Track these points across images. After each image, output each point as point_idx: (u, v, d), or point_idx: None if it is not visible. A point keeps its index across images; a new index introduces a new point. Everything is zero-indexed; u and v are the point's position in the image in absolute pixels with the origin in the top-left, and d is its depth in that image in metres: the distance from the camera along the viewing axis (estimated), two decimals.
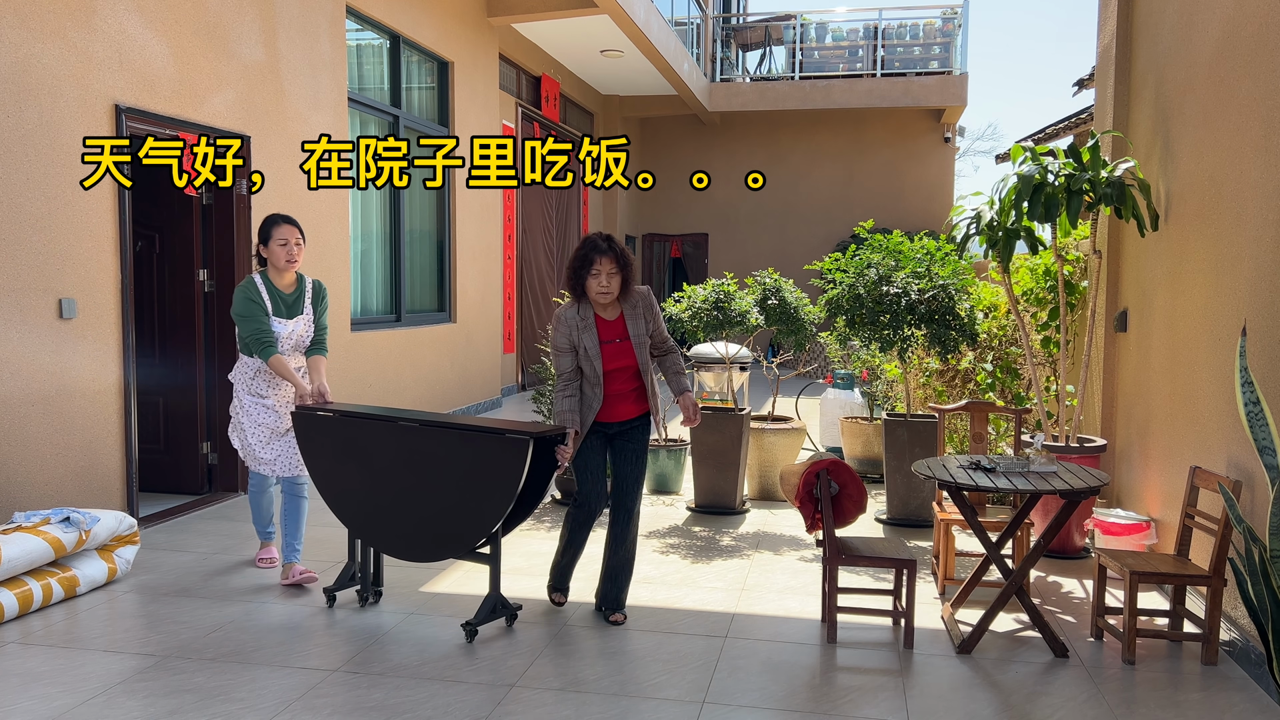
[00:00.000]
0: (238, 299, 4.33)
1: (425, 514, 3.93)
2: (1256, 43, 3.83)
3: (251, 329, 4.30)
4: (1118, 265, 5.62)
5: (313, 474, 4.24)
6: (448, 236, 9.59)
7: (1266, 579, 2.95)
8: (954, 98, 14.88)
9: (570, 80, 13.92)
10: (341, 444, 4.12)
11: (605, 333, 3.97)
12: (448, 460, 3.84)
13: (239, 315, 4.33)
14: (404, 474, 3.96)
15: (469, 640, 3.80)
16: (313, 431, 4.21)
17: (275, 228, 4.39)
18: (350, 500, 4.14)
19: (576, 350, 3.96)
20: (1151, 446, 4.92)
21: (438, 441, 3.87)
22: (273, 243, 4.39)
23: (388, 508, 4.03)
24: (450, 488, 3.86)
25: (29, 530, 4.17)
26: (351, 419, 4.09)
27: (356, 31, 7.93)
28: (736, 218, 17.25)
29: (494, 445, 3.74)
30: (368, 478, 4.06)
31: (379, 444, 4.01)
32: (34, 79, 4.77)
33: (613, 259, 3.88)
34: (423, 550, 3.97)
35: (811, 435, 8.59)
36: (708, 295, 6.13)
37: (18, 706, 3.21)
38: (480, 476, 3.78)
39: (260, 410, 4.46)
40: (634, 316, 3.99)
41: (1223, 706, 3.32)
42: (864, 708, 3.27)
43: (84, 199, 5.09)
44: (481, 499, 3.79)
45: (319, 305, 4.56)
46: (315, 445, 4.22)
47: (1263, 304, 3.66)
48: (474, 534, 3.83)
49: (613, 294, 3.90)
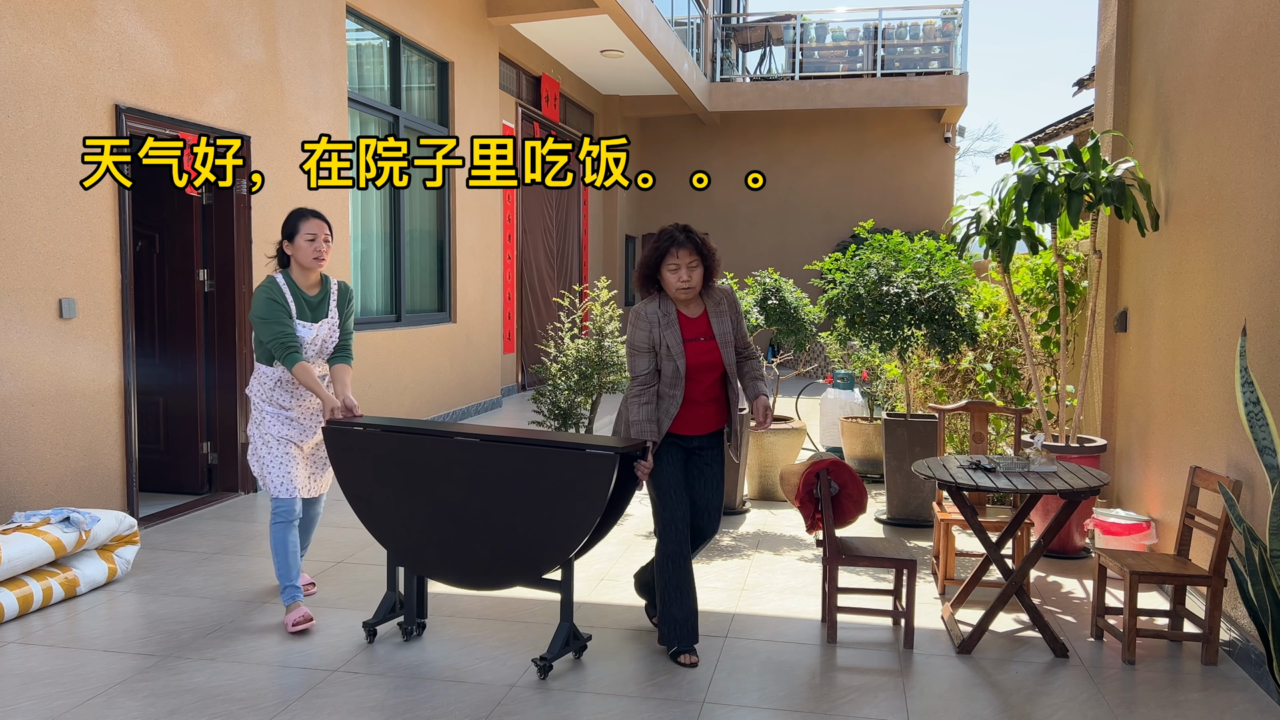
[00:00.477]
0: (259, 300, 3.94)
1: (489, 538, 3.57)
2: (1256, 43, 3.83)
3: (274, 333, 3.90)
4: (1118, 265, 5.62)
5: (349, 495, 3.85)
6: (448, 236, 9.59)
7: (1266, 579, 2.95)
8: (954, 98, 14.88)
9: (570, 80, 13.92)
10: (386, 462, 3.73)
11: (688, 330, 3.62)
12: (517, 479, 3.49)
13: (260, 318, 3.93)
14: (463, 495, 3.59)
15: (542, 677, 3.45)
16: (350, 448, 3.81)
17: (303, 222, 4.02)
18: (395, 523, 3.75)
19: (657, 350, 3.59)
20: (1151, 446, 4.92)
21: (505, 459, 3.51)
22: (299, 238, 4.02)
23: (443, 532, 3.65)
24: (520, 509, 3.50)
25: (29, 530, 4.17)
26: (399, 434, 3.69)
27: (356, 31, 7.93)
28: (736, 218, 17.25)
29: (574, 462, 3.40)
30: (418, 499, 3.68)
31: (433, 462, 3.63)
32: (34, 79, 4.77)
33: (692, 250, 3.55)
34: (485, 578, 3.61)
35: (811, 435, 8.59)
36: None
37: (18, 706, 3.21)
38: (557, 497, 3.43)
39: (283, 424, 4.04)
40: (718, 314, 3.67)
41: (1223, 706, 3.32)
42: (864, 708, 3.27)
43: (84, 199, 5.09)
44: (557, 521, 3.44)
45: (345, 308, 4.18)
46: (353, 464, 3.81)
47: (1263, 304, 3.66)
48: (547, 560, 3.48)
49: (694, 287, 3.57)
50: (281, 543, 4.00)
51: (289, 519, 4.02)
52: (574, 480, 3.40)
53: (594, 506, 3.38)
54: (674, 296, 3.61)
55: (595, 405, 5.98)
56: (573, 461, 3.41)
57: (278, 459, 4.01)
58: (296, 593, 3.99)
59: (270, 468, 4.01)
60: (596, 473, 3.37)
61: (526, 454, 3.48)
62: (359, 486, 3.81)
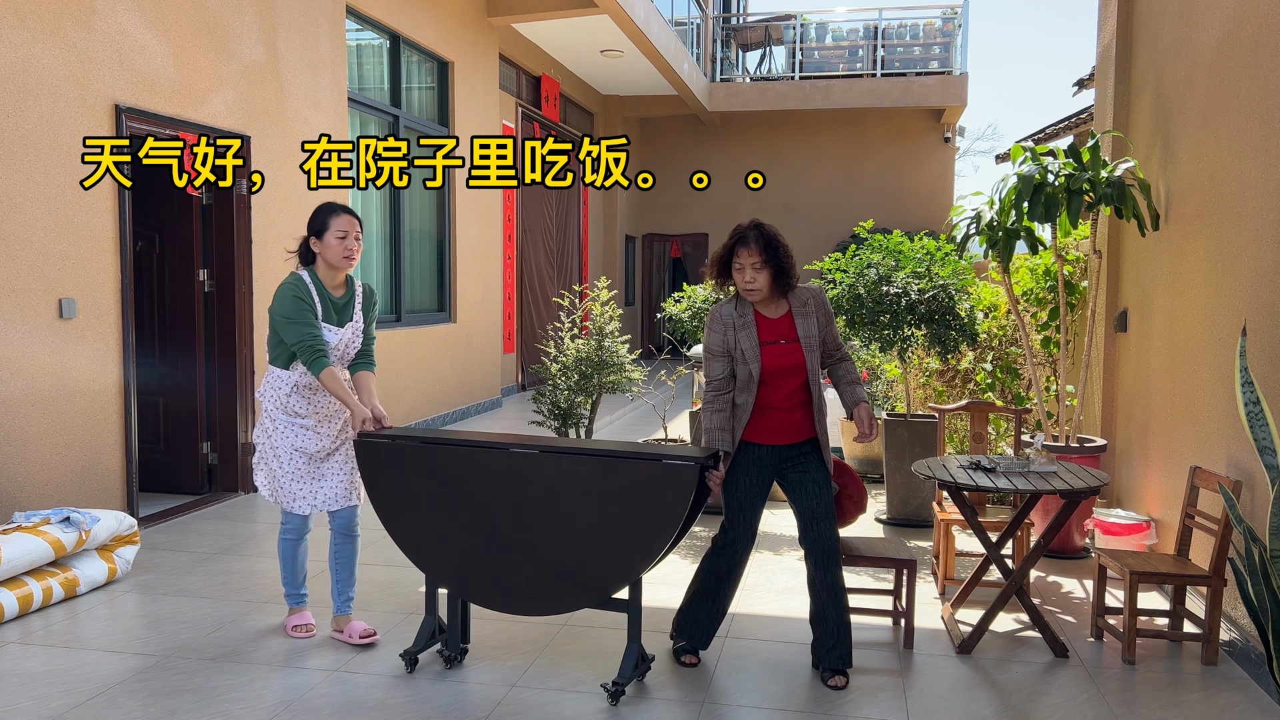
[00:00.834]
0: (283, 299, 3.60)
1: (550, 558, 3.29)
2: (1256, 43, 3.83)
3: (300, 334, 3.56)
4: (1118, 265, 5.62)
5: (382, 513, 3.54)
6: (448, 236, 9.59)
7: (1266, 579, 2.95)
8: (954, 98, 14.88)
9: (570, 80, 13.92)
10: (429, 477, 3.42)
11: (767, 332, 3.41)
12: (583, 493, 3.23)
13: (285, 317, 3.58)
14: (519, 512, 3.32)
15: (613, 703, 3.24)
16: (386, 463, 3.49)
17: (334, 217, 3.68)
18: (438, 544, 3.45)
19: (731, 354, 3.40)
20: (1151, 446, 4.92)
21: (569, 471, 3.25)
22: (330, 234, 3.67)
23: (495, 553, 3.36)
24: (585, 525, 3.24)
25: (29, 530, 4.17)
26: (446, 447, 3.40)
27: (356, 31, 7.93)
28: (736, 218, 17.21)
29: (649, 474, 3.16)
30: (465, 517, 3.39)
31: (484, 476, 3.35)
32: (34, 79, 4.77)
33: (757, 249, 3.32)
34: (543, 601, 3.34)
35: None
36: (708, 295, 6.13)
37: (18, 706, 3.21)
38: (629, 510, 3.18)
39: (297, 432, 3.73)
40: (804, 315, 3.42)
41: (1223, 706, 3.32)
42: (864, 708, 3.27)
43: (84, 199, 5.09)
44: (628, 537, 3.19)
45: (369, 312, 3.87)
46: (387, 479, 3.50)
47: (1263, 304, 3.66)
48: (616, 579, 3.23)
49: (760, 290, 3.35)
50: (289, 556, 3.85)
51: (299, 535, 3.84)
52: (649, 492, 3.16)
53: (671, 520, 3.15)
54: (743, 297, 3.42)
55: (595, 405, 5.98)
56: (648, 472, 3.16)
57: (289, 473, 3.73)
58: (299, 599, 3.89)
59: (282, 481, 3.74)
60: (675, 484, 3.14)
61: (596, 465, 3.21)
62: (395, 504, 3.50)
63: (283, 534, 3.85)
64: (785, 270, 3.36)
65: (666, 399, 10.07)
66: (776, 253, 3.34)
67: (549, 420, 5.91)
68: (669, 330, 6.37)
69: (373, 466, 3.53)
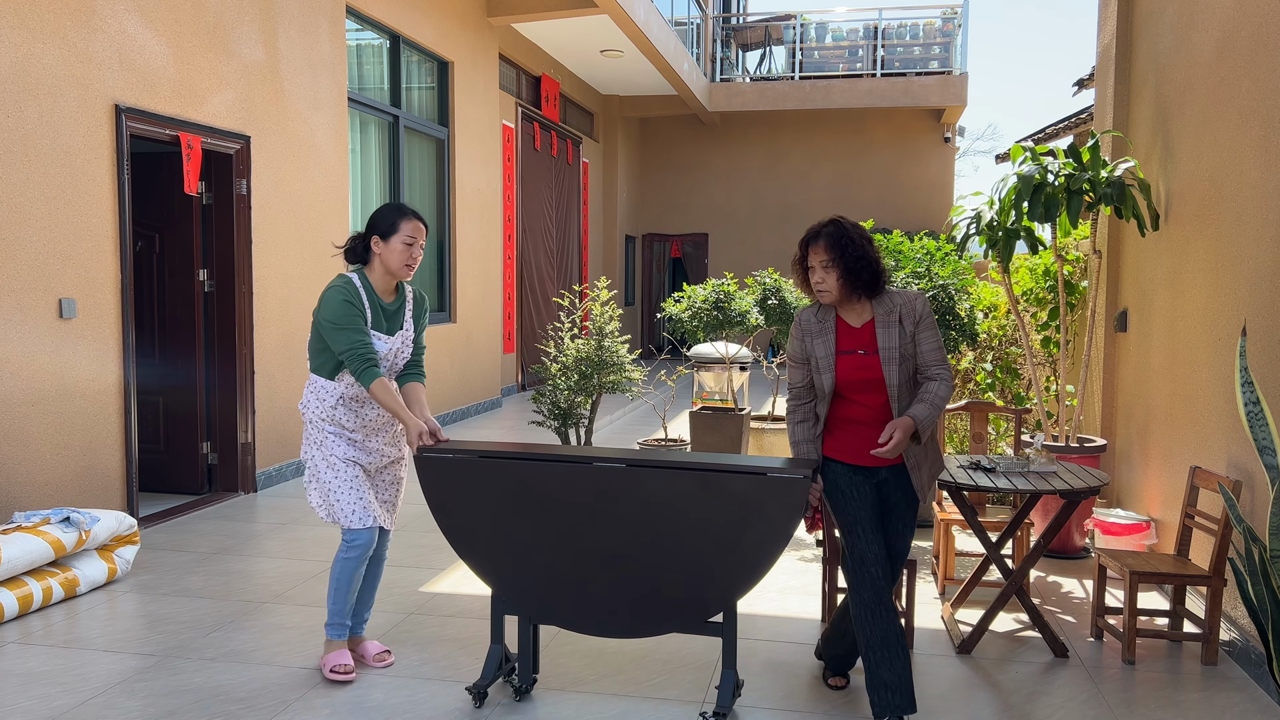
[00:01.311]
0: (333, 303, 3.30)
1: (641, 578, 3.09)
2: (1256, 43, 3.83)
3: (351, 341, 3.28)
4: (1118, 265, 5.62)
5: (448, 531, 3.27)
6: (448, 236, 9.59)
7: (1266, 579, 2.95)
8: (954, 98, 14.89)
9: (570, 80, 13.92)
10: (500, 494, 3.18)
11: (846, 341, 3.09)
12: (677, 509, 3.02)
13: (333, 322, 3.29)
14: (605, 530, 3.09)
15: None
16: (450, 480, 3.22)
17: (405, 220, 3.38)
18: (511, 565, 3.21)
19: (810, 361, 3.13)
20: (1151, 446, 4.92)
21: (661, 486, 3.03)
22: (397, 238, 3.37)
23: (577, 573, 3.15)
24: (681, 545, 3.03)
25: (29, 530, 4.17)
26: (519, 462, 3.15)
27: (356, 31, 7.93)
28: (736, 218, 17.25)
29: (753, 488, 2.94)
30: (544, 536, 3.15)
31: (563, 493, 3.11)
32: (34, 79, 4.77)
33: (825, 247, 3.01)
34: (633, 624, 3.13)
35: None
36: (708, 295, 6.13)
37: (18, 706, 3.21)
38: (730, 528, 2.98)
39: (345, 445, 3.44)
40: (887, 324, 3.05)
41: (1223, 706, 3.32)
42: (864, 708, 3.27)
43: (84, 199, 5.09)
44: (729, 557, 2.99)
45: (420, 320, 3.59)
46: (454, 497, 3.23)
47: (1263, 304, 3.66)
48: (715, 601, 3.03)
49: (830, 291, 3.04)
50: (349, 578, 3.44)
51: (364, 552, 3.43)
52: (752, 508, 2.94)
53: (777, 538, 2.95)
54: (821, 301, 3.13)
55: (595, 405, 5.98)
56: (751, 486, 2.94)
57: (347, 483, 3.41)
58: (344, 631, 3.51)
59: (340, 494, 3.41)
60: (783, 499, 2.92)
61: (692, 480, 2.99)
62: (465, 524, 3.23)
63: (345, 553, 3.43)
64: (856, 271, 3.01)
65: (666, 399, 10.07)
66: (844, 250, 3.00)
67: (549, 420, 5.91)
68: (669, 330, 6.38)
69: (437, 484, 3.23)
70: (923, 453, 3.13)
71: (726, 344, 6.75)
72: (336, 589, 3.45)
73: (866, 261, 3.02)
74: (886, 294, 3.09)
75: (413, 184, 8.98)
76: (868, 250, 3.02)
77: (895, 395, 3.04)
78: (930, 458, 3.16)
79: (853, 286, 3.04)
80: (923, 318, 3.07)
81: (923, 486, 3.11)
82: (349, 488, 3.40)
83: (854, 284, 3.03)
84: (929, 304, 2.91)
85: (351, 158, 7.90)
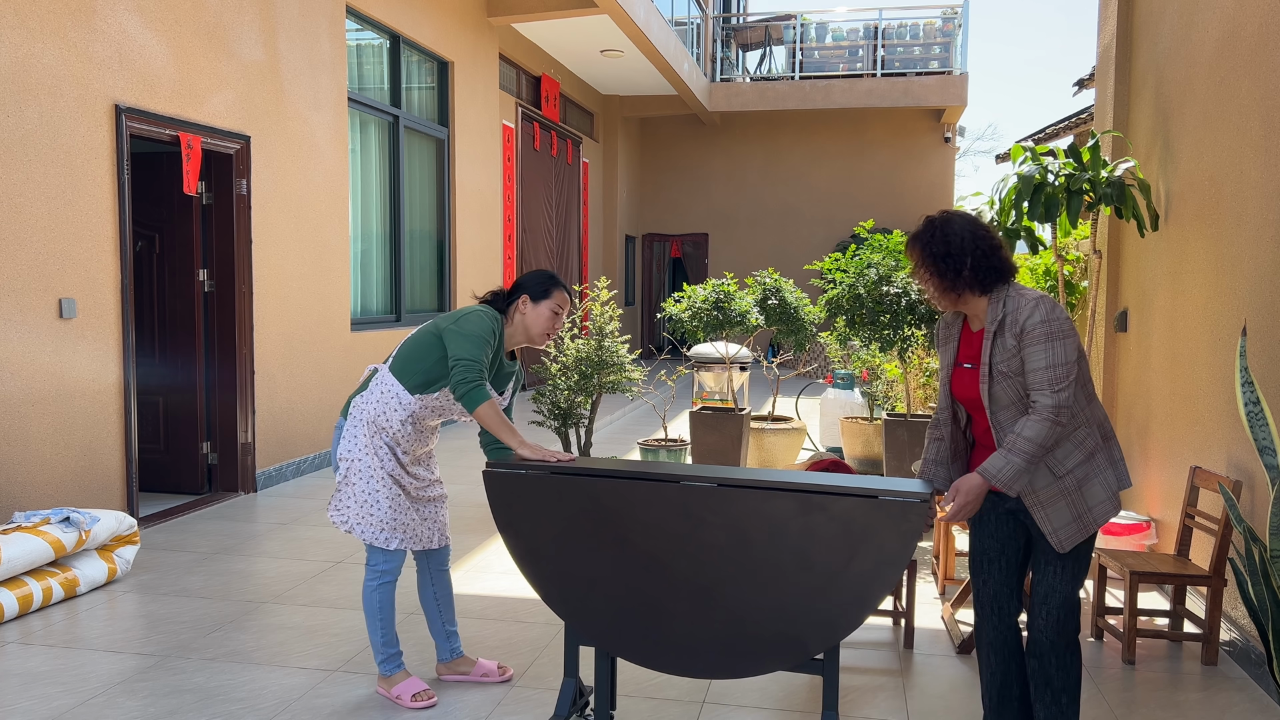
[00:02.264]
0: (477, 320, 3.07)
1: (733, 612, 2.74)
2: (1256, 43, 3.83)
3: (474, 354, 3.01)
4: (1118, 265, 5.62)
5: (517, 555, 2.93)
6: (448, 236, 9.59)
7: (1267, 579, 2.95)
8: (954, 98, 14.89)
9: (570, 80, 13.92)
10: (574, 514, 2.88)
11: (965, 351, 2.74)
12: (777, 535, 2.71)
13: (466, 334, 3.04)
14: (692, 556, 2.77)
15: None
16: (519, 498, 2.92)
17: (559, 290, 3.22)
18: (584, 592, 2.88)
19: None
20: (1151, 446, 4.92)
21: (759, 509, 2.72)
22: (547, 304, 3.20)
23: (661, 605, 2.80)
24: (781, 574, 2.70)
25: (29, 530, 4.17)
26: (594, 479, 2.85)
27: (356, 31, 7.93)
28: (736, 218, 17.25)
29: (864, 512, 2.63)
30: (622, 562, 2.83)
31: (645, 514, 2.81)
32: (34, 79, 4.77)
33: (914, 248, 2.68)
34: (726, 662, 2.76)
35: (811, 435, 8.59)
36: (708, 295, 6.13)
37: (18, 706, 3.21)
38: (838, 557, 2.65)
39: (393, 462, 3.18)
40: (994, 334, 2.61)
41: (1223, 706, 3.32)
42: (864, 708, 3.27)
43: (84, 199, 5.09)
44: (836, 589, 2.66)
45: (514, 394, 3.39)
46: (522, 516, 2.93)
47: (1263, 304, 3.66)
48: (814, 639, 2.68)
49: (934, 297, 2.71)
50: (382, 606, 3.22)
51: (393, 579, 3.22)
52: (864, 535, 2.64)
53: (892, 568, 2.62)
54: None
55: (595, 405, 5.98)
56: (863, 510, 2.63)
57: (387, 500, 3.15)
58: (399, 662, 3.28)
59: (375, 509, 3.15)
60: (898, 524, 2.62)
61: (793, 502, 2.66)
62: (533, 545, 2.92)
63: (373, 580, 3.19)
64: (942, 268, 2.62)
65: (666, 399, 10.07)
66: (927, 247, 2.64)
67: (549, 420, 5.91)
68: (669, 330, 6.37)
69: (505, 501, 2.95)
70: (1055, 490, 2.60)
71: (726, 344, 6.75)
72: (376, 619, 3.21)
73: (954, 255, 2.60)
74: (1004, 295, 2.62)
75: (413, 184, 8.98)
76: (956, 242, 2.60)
77: (997, 421, 2.65)
78: (1068, 498, 2.60)
79: (950, 284, 2.63)
80: (1028, 329, 2.54)
81: (1054, 531, 2.60)
82: (388, 504, 3.16)
83: (950, 282, 2.62)
84: (1052, 310, 2.51)
85: (351, 158, 7.90)
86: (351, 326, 7.71)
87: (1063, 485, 2.60)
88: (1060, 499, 2.60)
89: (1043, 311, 2.52)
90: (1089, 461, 2.61)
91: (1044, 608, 2.67)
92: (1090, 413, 2.64)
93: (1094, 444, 2.62)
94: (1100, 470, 2.62)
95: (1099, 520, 2.60)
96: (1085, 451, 2.60)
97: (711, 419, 5.95)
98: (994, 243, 2.62)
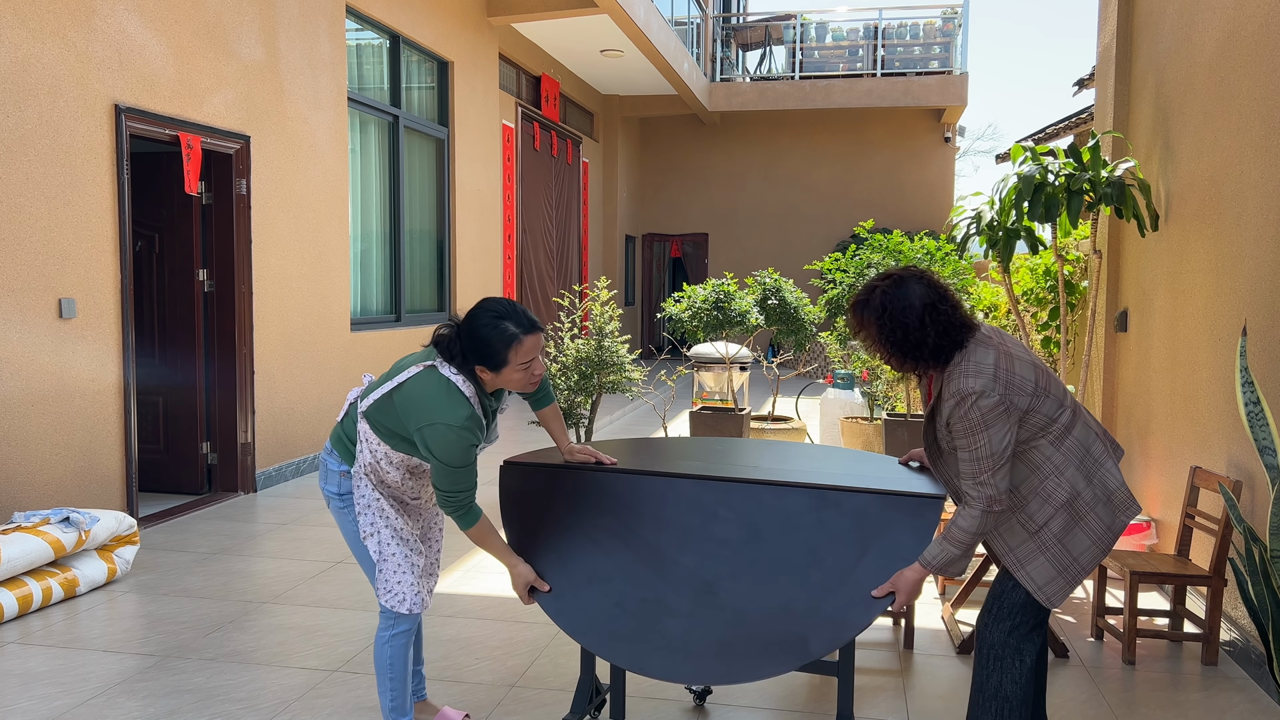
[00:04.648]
0: (456, 444, 2.61)
1: (736, 609, 2.62)
2: (1256, 43, 3.83)
3: (462, 485, 2.68)
4: (1118, 265, 5.62)
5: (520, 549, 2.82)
6: (448, 236, 9.59)
7: (1267, 579, 2.95)
8: (954, 97, 14.89)
9: (570, 80, 13.92)
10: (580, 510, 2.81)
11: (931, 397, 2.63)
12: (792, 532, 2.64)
13: (454, 466, 2.63)
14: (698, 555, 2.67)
15: None
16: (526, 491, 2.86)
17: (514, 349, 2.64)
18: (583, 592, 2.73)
19: None
20: (1151, 446, 4.92)
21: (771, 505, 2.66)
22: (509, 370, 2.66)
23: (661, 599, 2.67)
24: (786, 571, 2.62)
25: (29, 530, 4.17)
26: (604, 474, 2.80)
27: (356, 31, 7.93)
28: (736, 218, 17.25)
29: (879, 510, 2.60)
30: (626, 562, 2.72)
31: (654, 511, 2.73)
32: (34, 79, 4.77)
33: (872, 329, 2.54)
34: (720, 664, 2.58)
35: (811, 435, 8.59)
36: (708, 295, 6.13)
37: (18, 706, 3.21)
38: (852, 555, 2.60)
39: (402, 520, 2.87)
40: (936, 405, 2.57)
41: (1223, 706, 3.32)
42: (864, 708, 3.27)
43: (84, 199, 5.09)
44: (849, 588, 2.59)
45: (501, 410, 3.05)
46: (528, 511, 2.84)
47: (1263, 304, 3.66)
48: (819, 639, 2.56)
49: None
50: (395, 661, 2.89)
51: (411, 633, 2.91)
52: (878, 530, 2.59)
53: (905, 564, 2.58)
54: None
55: (595, 405, 5.98)
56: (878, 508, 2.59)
57: (408, 561, 2.86)
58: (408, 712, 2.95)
59: (399, 575, 2.86)
60: (913, 522, 2.58)
61: (805, 500, 2.64)
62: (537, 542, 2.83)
63: (391, 631, 2.87)
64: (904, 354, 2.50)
65: (666, 399, 10.08)
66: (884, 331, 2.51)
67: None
68: (669, 330, 6.37)
69: (512, 494, 2.87)
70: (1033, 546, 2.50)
71: (726, 344, 6.75)
72: (395, 678, 2.88)
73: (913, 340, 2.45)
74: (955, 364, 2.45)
75: (413, 184, 8.98)
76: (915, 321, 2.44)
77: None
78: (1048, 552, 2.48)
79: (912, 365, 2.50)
80: (952, 423, 2.43)
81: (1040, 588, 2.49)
82: (409, 567, 2.86)
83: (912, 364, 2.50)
84: (978, 401, 2.37)
85: (351, 157, 7.90)
86: (351, 326, 7.71)
87: (1040, 540, 2.49)
88: (1039, 554, 2.49)
89: (970, 401, 2.37)
90: (1067, 509, 2.47)
91: (996, 604, 2.60)
92: (1063, 456, 2.48)
93: (1068, 492, 2.47)
94: (1084, 515, 2.47)
95: (1088, 569, 2.48)
96: (1057, 503, 2.47)
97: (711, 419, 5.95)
98: (952, 304, 2.47)
